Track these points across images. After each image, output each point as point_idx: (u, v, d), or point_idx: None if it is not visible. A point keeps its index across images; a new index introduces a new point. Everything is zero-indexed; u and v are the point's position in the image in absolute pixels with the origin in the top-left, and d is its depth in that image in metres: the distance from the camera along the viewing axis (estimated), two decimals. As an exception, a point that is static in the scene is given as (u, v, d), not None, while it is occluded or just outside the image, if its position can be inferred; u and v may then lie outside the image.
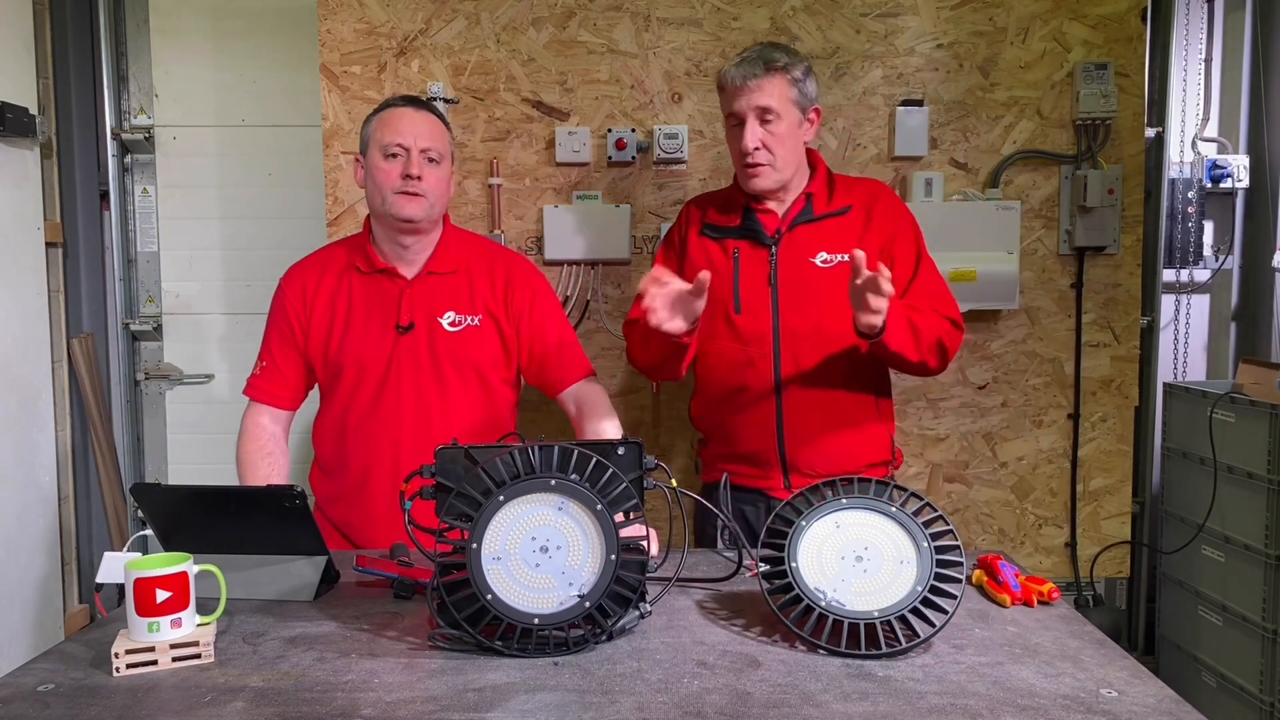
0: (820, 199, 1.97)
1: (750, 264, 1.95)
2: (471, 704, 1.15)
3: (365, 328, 1.90)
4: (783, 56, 1.88)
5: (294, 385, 1.96)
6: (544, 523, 1.30)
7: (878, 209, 1.96)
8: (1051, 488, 2.83)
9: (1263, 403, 2.48)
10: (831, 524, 1.39)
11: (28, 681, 1.23)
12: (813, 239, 1.94)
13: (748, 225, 1.96)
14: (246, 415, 1.95)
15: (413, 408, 1.88)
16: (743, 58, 1.90)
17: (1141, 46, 2.73)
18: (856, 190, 1.99)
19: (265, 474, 1.87)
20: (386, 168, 1.84)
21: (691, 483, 2.81)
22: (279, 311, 1.95)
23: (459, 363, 1.90)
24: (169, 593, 1.26)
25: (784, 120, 1.88)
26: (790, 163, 1.92)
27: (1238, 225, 3.14)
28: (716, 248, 1.99)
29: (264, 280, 3.15)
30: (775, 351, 1.92)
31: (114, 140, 3.09)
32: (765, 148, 1.88)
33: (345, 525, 1.93)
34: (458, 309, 1.91)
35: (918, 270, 1.93)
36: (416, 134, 1.85)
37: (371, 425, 1.89)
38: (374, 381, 1.89)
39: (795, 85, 1.89)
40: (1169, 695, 1.16)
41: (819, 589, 1.33)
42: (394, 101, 1.92)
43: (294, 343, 1.93)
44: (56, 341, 2.94)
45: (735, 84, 1.88)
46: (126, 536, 3.07)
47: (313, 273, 1.95)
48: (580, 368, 1.99)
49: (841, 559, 1.36)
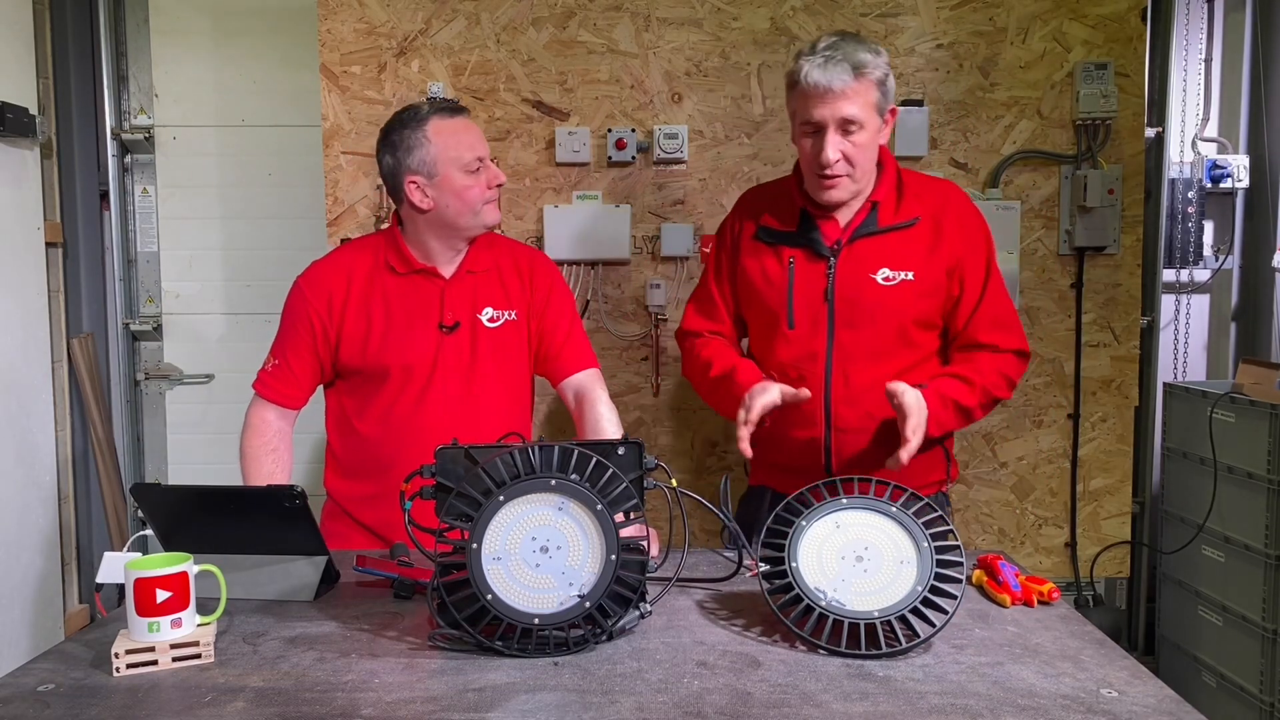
0: (887, 208, 1.80)
1: (806, 276, 1.81)
2: (471, 704, 1.15)
3: (407, 329, 1.89)
4: (869, 56, 1.69)
5: (304, 386, 1.95)
6: (544, 523, 1.30)
7: (947, 221, 1.80)
8: (1051, 488, 2.82)
9: (1263, 403, 2.48)
10: (832, 524, 1.39)
11: (28, 681, 1.23)
12: (875, 253, 1.78)
13: (806, 234, 1.81)
14: (251, 410, 1.94)
15: (458, 404, 1.89)
16: (825, 57, 1.68)
17: (1141, 46, 2.73)
18: (926, 197, 1.81)
19: (269, 470, 1.87)
20: (473, 183, 1.84)
21: (693, 483, 2.81)
22: (299, 315, 1.91)
23: (499, 358, 1.92)
24: (169, 593, 1.26)
25: (866, 129, 1.71)
26: (868, 172, 1.77)
27: (1238, 225, 3.14)
28: (771, 256, 1.84)
29: (264, 280, 3.16)
30: (827, 370, 1.81)
31: (114, 140, 3.09)
32: (846, 159, 1.72)
33: (384, 526, 1.89)
34: (495, 305, 1.93)
35: (983, 297, 1.81)
36: (484, 142, 1.88)
37: (418, 424, 1.89)
38: (419, 381, 1.88)
39: (879, 88, 1.71)
40: (1169, 695, 1.16)
41: (819, 589, 1.33)
42: (444, 111, 1.86)
43: (312, 347, 1.91)
44: (56, 341, 2.93)
45: (817, 89, 1.68)
46: (126, 536, 3.07)
47: (339, 278, 1.91)
48: (584, 359, 1.99)
49: (842, 559, 1.36)
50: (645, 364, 2.81)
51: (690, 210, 2.76)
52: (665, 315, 2.77)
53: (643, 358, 2.81)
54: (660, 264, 2.77)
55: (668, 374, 2.80)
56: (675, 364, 2.80)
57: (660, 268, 2.78)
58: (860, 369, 1.80)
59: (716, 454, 2.83)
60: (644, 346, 2.80)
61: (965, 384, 1.76)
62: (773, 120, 2.74)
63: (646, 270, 2.78)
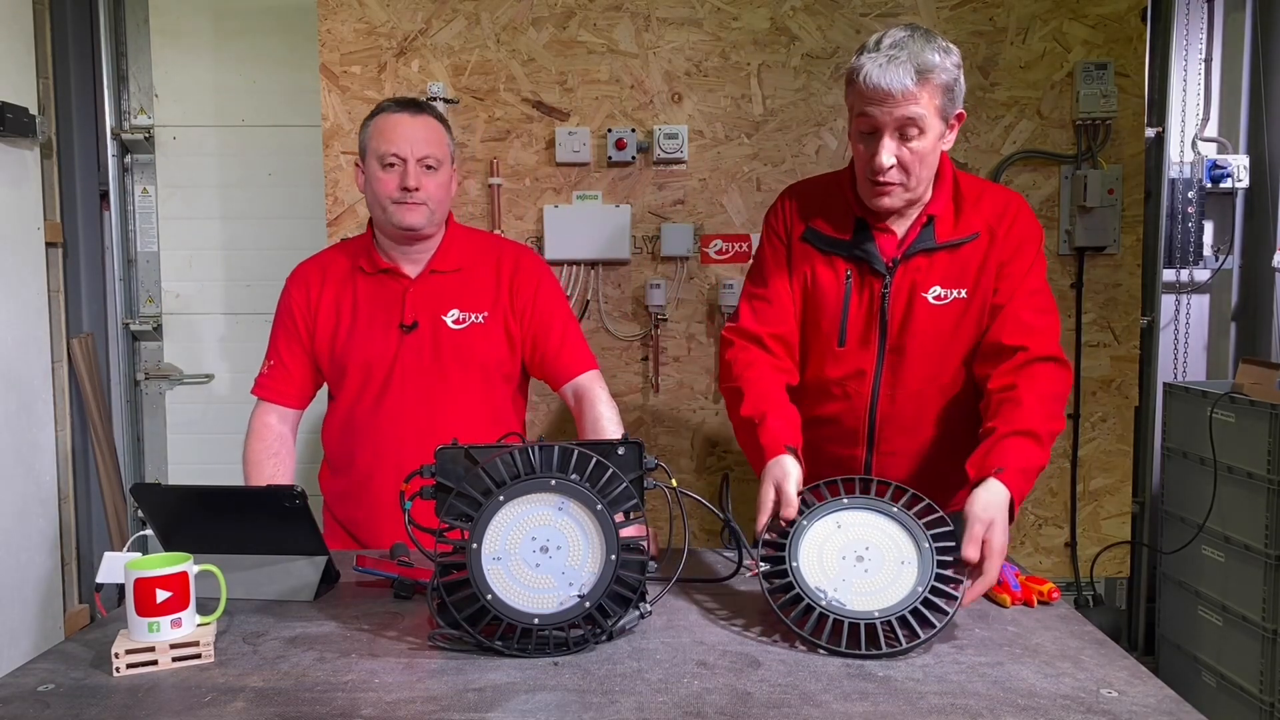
0: (945, 223, 1.67)
1: (861, 294, 1.70)
2: (471, 704, 1.14)
3: (369, 328, 1.91)
4: (936, 57, 1.53)
5: (301, 384, 1.97)
6: (544, 523, 1.30)
7: (1001, 231, 1.67)
8: (1051, 488, 2.82)
9: (1263, 403, 2.48)
10: (833, 524, 1.39)
11: (28, 681, 1.23)
12: (928, 271, 1.67)
13: (862, 246, 1.68)
14: (254, 415, 1.96)
15: (416, 406, 1.89)
16: (889, 56, 1.53)
17: (1141, 46, 2.73)
18: (984, 208, 1.69)
19: (270, 474, 1.88)
20: (384, 178, 1.84)
21: (693, 483, 2.81)
22: (285, 311, 1.97)
23: (463, 360, 1.91)
24: (169, 593, 1.26)
25: (928, 135, 1.56)
26: (925, 180, 1.63)
27: (1238, 225, 3.14)
28: (824, 265, 1.72)
29: (264, 280, 3.16)
30: (874, 389, 1.71)
31: (114, 140, 3.09)
32: (901, 165, 1.58)
33: (350, 523, 1.95)
34: (461, 306, 1.91)
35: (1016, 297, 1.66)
36: (413, 143, 1.83)
37: (376, 423, 1.90)
38: (378, 380, 1.90)
39: (946, 93, 1.56)
40: (1169, 695, 1.16)
41: (820, 589, 1.33)
42: (388, 106, 1.89)
43: (300, 342, 1.95)
44: (56, 341, 2.93)
45: (878, 90, 1.53)
46: (126, 536, 3.07)
47: (315, 274, 1.96)
48: (581, 361, 1.97)
49: (843, 559, 1.35)
50: (645, 364, 2.80)
51: (690, 210, 2.76)
52: (665, 315, 2.77)
53: (643, 358, 2.81)
54: (660, 264, 2.77)
55: (668, 374, 2.80)
56: (675, 364, 2.80)
57: (660, 268, 2.78)
58: (908, 390, 1.71)
59: (716, 454, 2.83)
60: (644, 346, 2.81)
61: (1033, 440, 1.51)
62: (773, 120, 2.74)
63: (646, 270, 2.78)
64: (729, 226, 2.76)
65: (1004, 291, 1.67)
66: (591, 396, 1.92)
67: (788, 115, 2.73)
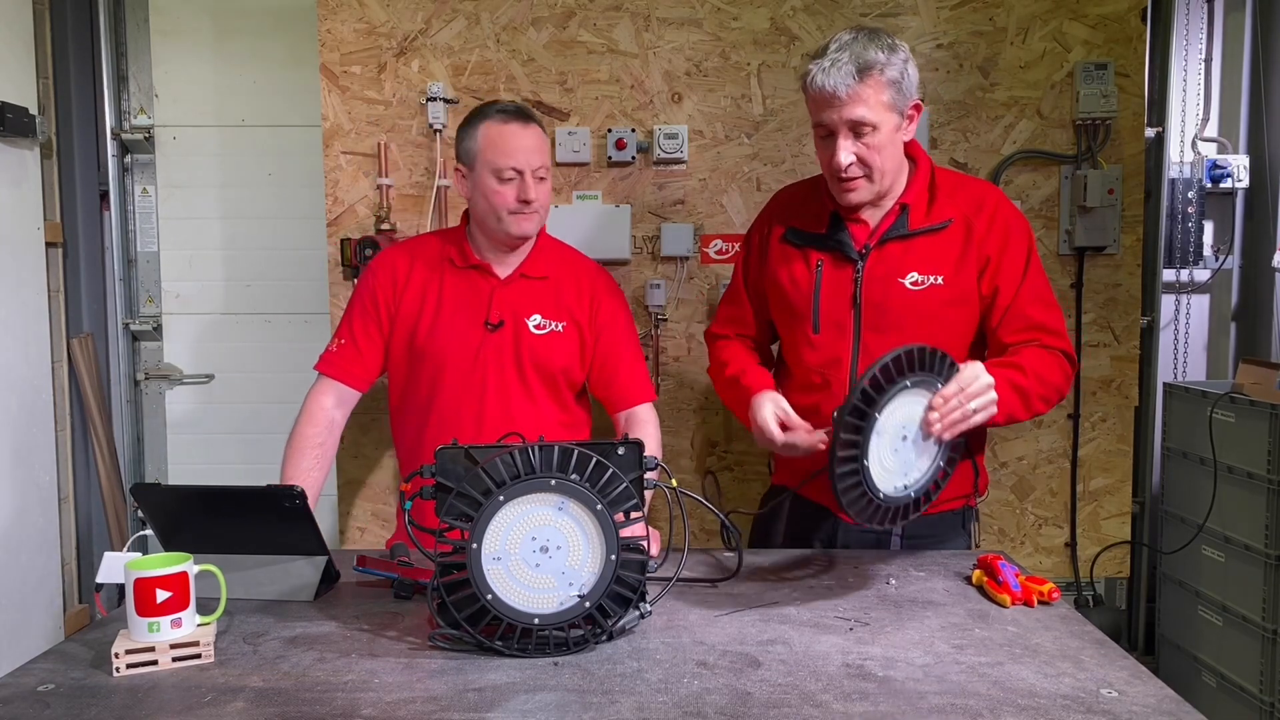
0: (918, 210, 1.74)
1: (833, 281, 1.76)
2: (471, 704, 1.15)
3: (454, 320, 1.93)
4: (879, 54, 1.62)
5: (368, 366, 1.97)
6: (544, 523, 1.30)
7: (980, 221, 1.73)
8: (1051, 488, 2.82)
9: (1263, 403, 2.48)
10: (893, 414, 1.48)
11: (28, 681, 1.23)
12: (904, 257, 1.73)
13: (835, 237, 1.77)
14: (311, 393, 1.95)
15: (496, 402, 1.93)
16: (832, 59, 1.62)
17: (1141, 46, 2.73)
18: (960, 197, 1.75)
19: (308, 467, 1.87)
20: (502, 190, 1.86)
21: (693, 483, 2.81)
22: (366, 292, 1.98)
23: (540, 365, 1.95)
24: (169, 593, 1.26)
25: (881, 130, 1.65)
26: (889, 171, 1.70)
27: (1238, 225, 3.14)
28: (799, 259, 1.81)
29: (264, 280, 3.16)
30: (852, 375, 1.75)
31: (114, 140, 3.09)
32: (860, 161, 1.67)
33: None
34: (544, 313, 1.95)
35: (1019, 295, 1.73)
36: (529, 155, 1.85)
37: (456, 415, 1.92)
38: (460, 373, 1.93)
39: (892, 86, 1.64)
40: (1169, 695, 1.16)
41: (884, 493, 1.48)
42: (501, 114, 1.88)
43: (378, 325, 1.96)
44: (56, 341, 2.93)
45: (824, 93, 1.63)
46: (126, 536, 3.07)
47: (404, 259, 1.98)
48: (644, 392, 2.04)
49: (895, 451, 1.49)
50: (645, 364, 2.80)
51: (690, 210, 2.76)
52: (665, 315, 2.77)
53: (643, 358, 2.81)
54: (660, 264, 2.77)
55: (668, 374, 2.80)
56: (675, 364, 2.80)
57: (660, 268, 2.78)
58: None
59: (716, 454, 2.83)
60: (644, 346, 2.80)
61: (1016, 369, 1.64)
62: (773, 120, 2.74)
63: (646, 270, 2.78)
64: (729, 226, 2.76)
65: (1005, 287, 1.73)
66: (641, 428, 1.98)
67: (788, 115, 2.73)
